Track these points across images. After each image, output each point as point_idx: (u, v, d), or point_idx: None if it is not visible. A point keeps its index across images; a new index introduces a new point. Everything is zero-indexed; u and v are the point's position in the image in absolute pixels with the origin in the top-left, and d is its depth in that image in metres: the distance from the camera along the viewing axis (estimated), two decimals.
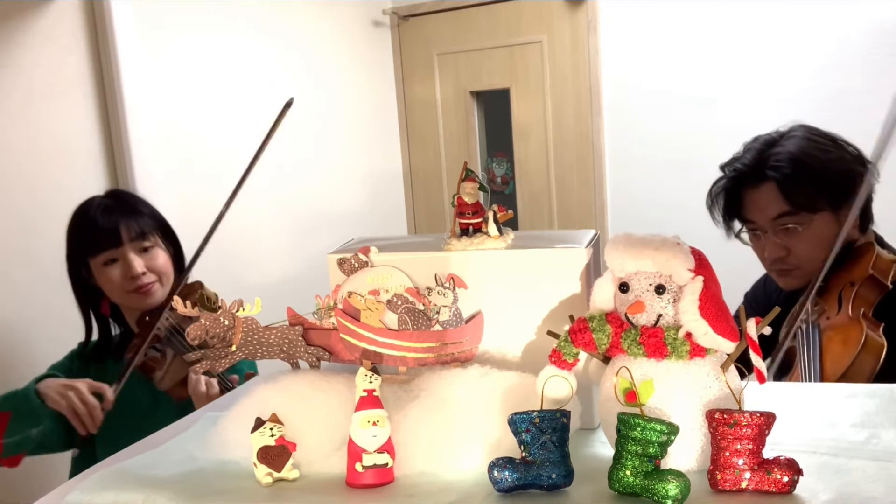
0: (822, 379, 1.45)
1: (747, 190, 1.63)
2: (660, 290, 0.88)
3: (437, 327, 1.04)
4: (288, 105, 1.78)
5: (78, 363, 1.87)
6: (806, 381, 1.46)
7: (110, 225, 1.77)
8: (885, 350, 1.39)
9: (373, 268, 1.08)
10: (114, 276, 1.77)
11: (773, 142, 1.64)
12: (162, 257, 1.82)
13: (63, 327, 1.95)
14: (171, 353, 1.78)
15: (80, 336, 1.90)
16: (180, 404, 1.74)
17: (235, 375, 1.78)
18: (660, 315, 0.88)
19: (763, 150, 1.63)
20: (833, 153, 1.61)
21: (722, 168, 1.70)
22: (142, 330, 1.80)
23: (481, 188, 1.09)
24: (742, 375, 0.89)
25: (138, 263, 1.77)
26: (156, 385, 1.77)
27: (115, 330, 1.91)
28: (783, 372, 1.63)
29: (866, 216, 1.63)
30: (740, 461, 0.81)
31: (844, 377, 1.41)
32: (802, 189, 1.57)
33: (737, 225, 1.70)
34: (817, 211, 1.58)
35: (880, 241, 1.64)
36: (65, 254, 1.85)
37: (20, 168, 2.39)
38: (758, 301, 1.80)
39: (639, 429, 0.81)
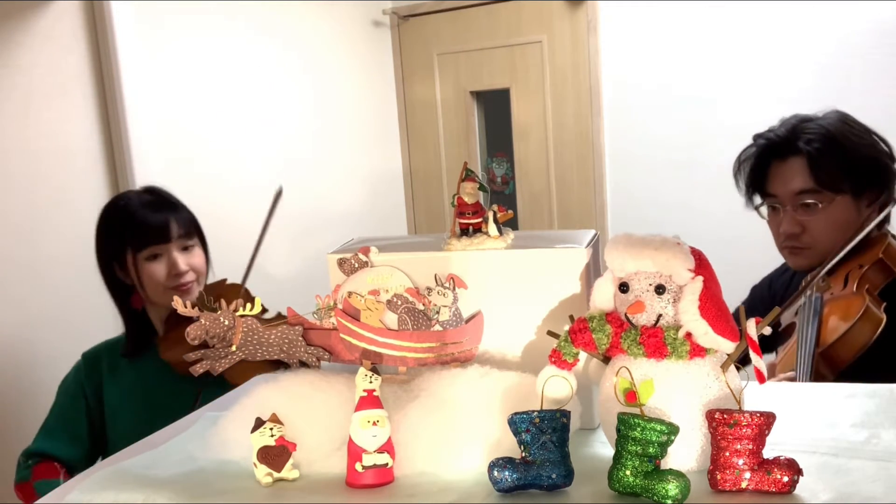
0: (818, 342, 1.45)
1: (775, 161, 1.63)
2: (660, 290, 0.88)
3: (437, 327, 1.04)
4: (279, 194, 1.79)
5: (108, 355, 1.85)
6: (802, 342, 1.47)
7: (159, 220, 1.77)
8: (883, 324, 1.40)
9: (373, 268, 1.08)
10: (157, 271, 1.77)
11: (808, 119, 1.64)
12: (200, 257, 1.84)
13: (64, 327, 1.96)
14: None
15: (81, 336, 1.90)
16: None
17: None
18: (660, 315, 0.88)
19: (797, 124, 1.63)
20: (866, 139, 1.62)
21: (754, 138, 1.69)
22: (181, 328, 1.78)
23: (481, 188, 1.09)
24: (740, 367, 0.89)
25: (182, 261, 1.78)
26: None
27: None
28: (778, 345, 1.63)
29: (886, 212, 1.64)
30: (740, 461, 0.81)
31: (840, 341, 1.42)
32: (829, 167, 1.57)
33: (756, 199, 1.70)
34: (840, 192, 1.58)
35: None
36: (95, 247, 1.83)
37: (20, 168, 2.39)
38: (763, 300, 1.80)
39: (639, 429, 0.81)
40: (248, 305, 1.03)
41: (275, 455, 0.93)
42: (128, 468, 1.00)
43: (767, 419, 0.81)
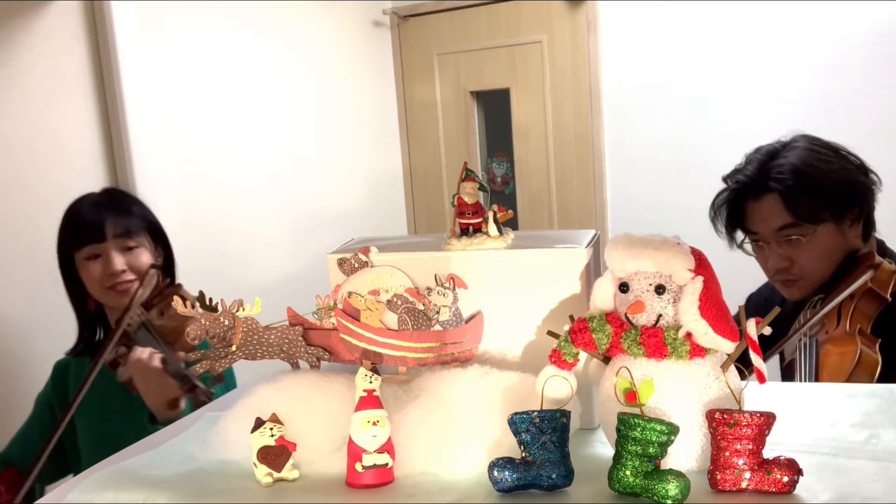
0: None
1: (750, 201, 1.63)
2: (660, 290, 0.88)
3: (437, 327, 1.04)
4: (148, 272, 1.79)
5: (76, 363, 1.85)
6: None
7: (96, 220, 1.77)
8: (879, 367, 1.40)
9: (373, 268, 1.08)
10: (94, 271, 1.77)
11: (775, 153, 1.63)
12: (145, 258, 1.80)
13: (64, 328, 1.95)
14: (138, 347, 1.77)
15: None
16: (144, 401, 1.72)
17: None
18: (660, 315, 0.88)
19: (765, 161, 1.62)
20: (835, 163, 1.61)
21: (724, 179, 1.70)
22: (113, 328, 1.79)
23: (481, 188, 1.09)
24: (742, 376, 0.89)
25: (119, 261, 1.76)
26: (117, 379, 1.74)
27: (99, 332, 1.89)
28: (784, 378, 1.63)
29: (868, 225, 1.63)
30: (740, 461, 0.81)
31: None
32: (805, 201, 1.57)
33: (739, 236, 1.70)
34: (820, 222, 1.57)
35: (882, 248, 1.65)
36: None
37: (20, 168, 2.39)
38: (759, 305, 1.80)
39: (639, 429, 0.81)
40: (249, 305, 1.03)
41: (275, 455, 0.93)
42: (128, 468, 1.00)
43: (767, 419, 0.81)
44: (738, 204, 1.66)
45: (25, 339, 2.36)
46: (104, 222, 1.77)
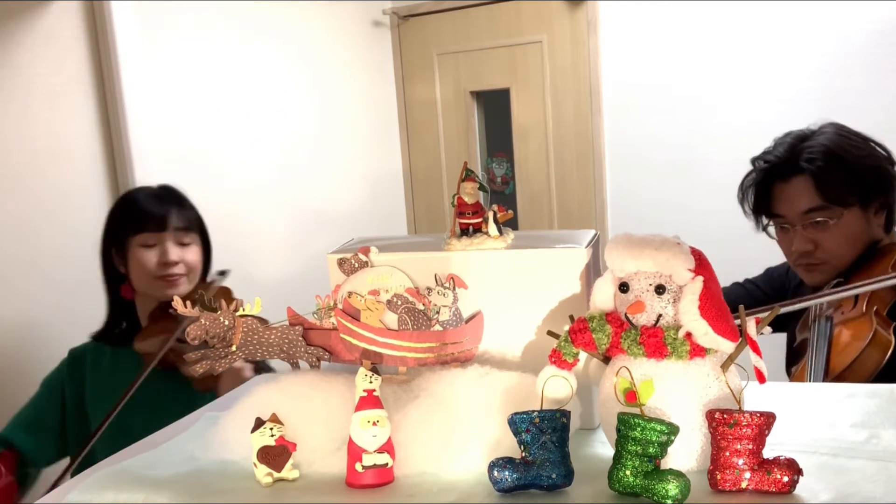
0: (827, 370, 1.45)
1: (778, 183, 1.63)
2: (660, 290, 0.88)
3: (437, 327, 1.04)
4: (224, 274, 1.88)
5: (94, 350, 1.88)
6: (812, 371, 1.47)
7: (158, 210, 1.82)
8: (892, 347, 1.40)
9: (373, 268, 1.08)
10: (148, 258, 1.80)
11: (805, 136, 1.64)
12: (196, 254, 1.85)
13: (64, 325, 1.96)
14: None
15: (81, 334, 1.90)
16: (202, 395, 1.72)
17: None
18: (660, 315, 0.88)
19: (796, 143, 1.63)
20: (865, 149, 1.61)
21: (753, 161, 1.69)
22: (161, 323, 1.80)
23: (481, 188, 1.09)
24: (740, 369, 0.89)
25: (175, 252, 1.80)
26: (189, 374, 1.74)
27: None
28: (792, 363, 1.63)
29: (891, 216, 1.63)
30: (740, 461, 0.81)
31: (849, 370, 1.42)
32: (835, 183, 1.57)
33: (764, 220, 1.70)
34: (848, 206, 1.58)
35: None
36: (101, 234, 1.88)
37: (20, 168, 2.39)
38: (775, 284, 1.80)
39: (639, 429, 0.81)
40: (249, 305, 1.03)
41: (275, 455, 0.93)
42: (128, 468, 1.00)
43: (767, 419, 0.81)
44: (766, 186, 1.65)
45: (26, 336, 2.36)
46: (167, 213, 1.82)
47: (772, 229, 1.69)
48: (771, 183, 1.64)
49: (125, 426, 1.74)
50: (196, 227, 1.87)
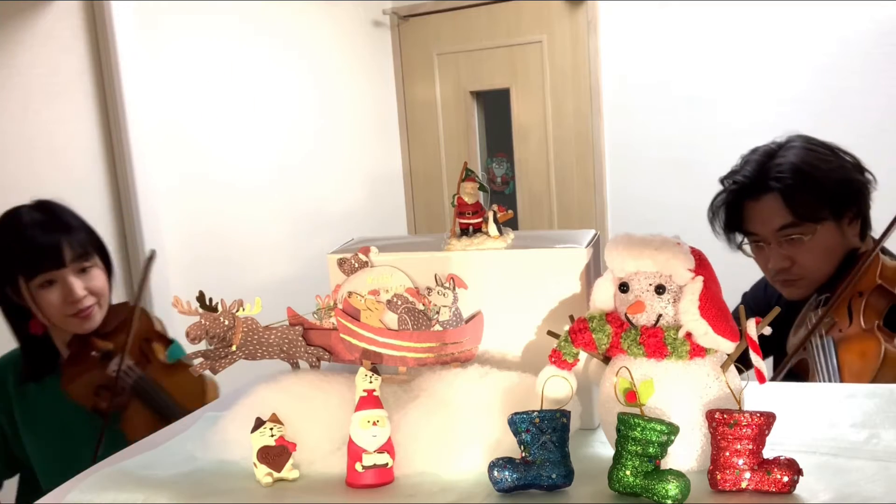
0: None
1: (749, 202, 1.63)
2: (660, 290, 0.88)
3: (437, 327, 1.04)
4: (152, 258, 1.74)
5: (14, 374, 1.76)
6: None
7: (50, 243, 1.61)
8: None
9: (373, 268, 1.08)
10: (52, 299, 1.63)
11: (772, 153, 1.63)
12: (100, 278, 1.69)
13: None
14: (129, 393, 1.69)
15: None
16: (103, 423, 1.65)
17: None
18: (660, 315, 0.88)
19: (764, 161, 1.62)
20: (833, 162, 1.61)
21: (721, 181, 1.69)
22: (82, 356, 1.69)
23: (481, 188, 1.09)
24: (740, 372, 0.89)
25: (79, 286, 1.64)
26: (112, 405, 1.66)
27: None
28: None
29: (865, 223, 1.63)
30: (740, 461, 0.81)
31: None
32: (806, 199, 1.56)
33: (738, 238, 1.70)
34: (821, 220, 1.58)
35: (882, 248, 1.64)
36: None
37: (19, 168, 2.39)
38: (757, 303, 1.80)
39: (639, 429, 0.81)
40: (249, 305, 1.03)
41: (275, 455, 0.93)
42: (128, 468, 1.00)
43: (767, 419, 0.81)
44: (737, 205, 1.65)
45: None
46: (61, 246, 1.61)
47: (747, 247, 1.69)
48: (742, 202, 1.64)
49: (60, 455, 1.70)
50: (92, 246, 1.69)
